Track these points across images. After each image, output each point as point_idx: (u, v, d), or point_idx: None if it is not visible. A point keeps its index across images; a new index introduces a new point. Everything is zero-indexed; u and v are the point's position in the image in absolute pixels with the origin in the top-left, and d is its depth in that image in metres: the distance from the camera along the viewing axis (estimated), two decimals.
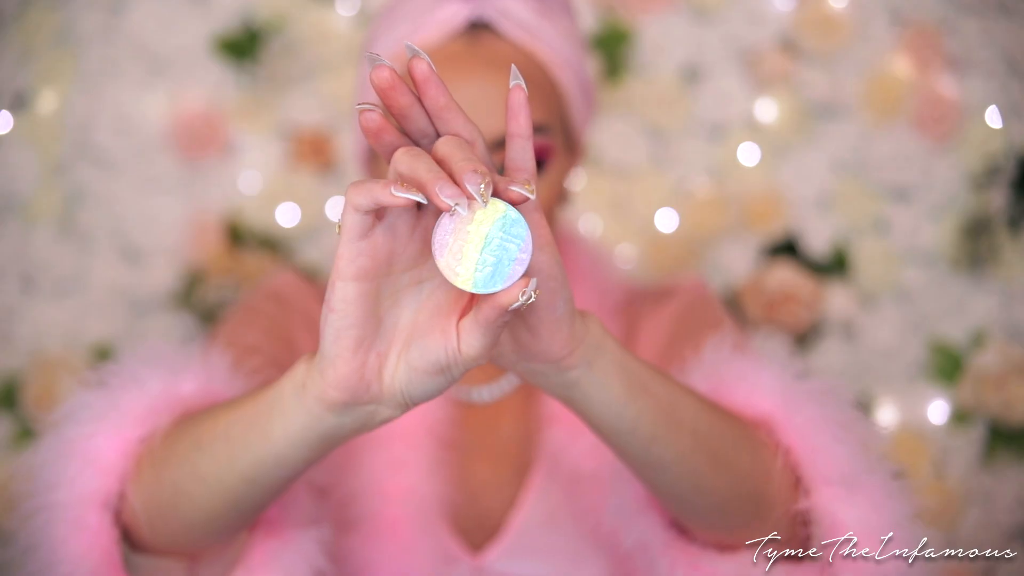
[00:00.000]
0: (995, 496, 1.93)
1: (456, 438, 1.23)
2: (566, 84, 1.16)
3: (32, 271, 1.95)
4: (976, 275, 1.96)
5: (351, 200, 0.76)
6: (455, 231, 0.73)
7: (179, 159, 1.96)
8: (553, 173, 1.15)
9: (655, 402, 0.93)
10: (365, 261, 0.78)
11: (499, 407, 1.27)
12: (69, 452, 0.99)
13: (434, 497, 1.19)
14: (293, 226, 1.97)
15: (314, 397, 0.83)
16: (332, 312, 0.79)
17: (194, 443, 0.93)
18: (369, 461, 1.20)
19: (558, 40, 1.15)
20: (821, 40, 1.95)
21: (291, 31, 1.97)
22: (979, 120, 1.96)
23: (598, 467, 1.18)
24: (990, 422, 1.95)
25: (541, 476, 1.22)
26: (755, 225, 1.98)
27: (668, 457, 0.94)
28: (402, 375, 0.82)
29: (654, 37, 1.98)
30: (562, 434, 1.20)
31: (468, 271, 0.73)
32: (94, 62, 1.95)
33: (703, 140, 2.00)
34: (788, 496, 1.01)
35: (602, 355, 0.89)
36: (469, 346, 0.80)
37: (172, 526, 0.96)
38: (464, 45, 1.11)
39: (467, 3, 1.12)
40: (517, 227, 0.73)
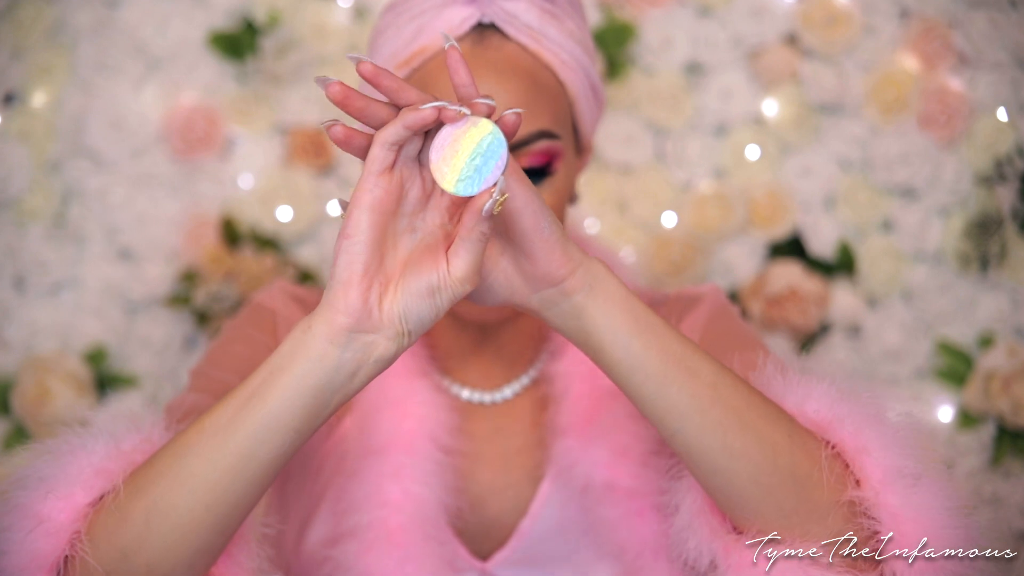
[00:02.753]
0: (1004, 498, 1.94)
1: (459, 443, 1.24)
2: (574, 86, 1.18)
3: (25, 271, 1.97)
4: (984, 275, 1.97)
5: (382, 136, 0.91)
6: (450, 141, 0.91)
7: (174, 157, 1.98)
8: (562, 176, 1.16)
9: (663, 343, 1.00)
10: (380, 193, 0.93)
11: (506, 411, 1.28)
12: (18, 517, 1.02)
13: (436, 504, 1.20)
14: (290, 225, 1.99)
15: (322, 330, 0.93)
16: (347, 238, 0.93)
17: (174, 453, 0.99)
18: (369, 469, 1.21)
19: (566, 42, 1.16)
20: (826, 36, 1.96)
21: (288, 26, 1.99)
22: (988, 117, 1.97)
23: (611, 477, 1.20)
24: (998, 423, 1.97)
25: (552, 484, 1.23)
26: (760, 224, 2.00)
27: (684, 404, 1.00)
28: (400, 300, 0.95)
29: (657, 33, 2.00)
30: (575, 444, 1.21)
31: (453, 175, 0.91)
32: (88, 58, 1.97)
33: (707, 138, 2.02)
34: (838, 484, 1.03)
35: (605, 285, 1.00)
36: (456, 266, 0.94)
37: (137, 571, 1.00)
38: (469, 47, 1.13)
39: (473, 5, 1.14)
40: (497, 146, 0.91)
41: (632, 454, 1.21)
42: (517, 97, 1.11)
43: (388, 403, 1.23)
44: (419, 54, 1.14)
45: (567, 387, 1.24)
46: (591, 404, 1.23)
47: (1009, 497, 1.94)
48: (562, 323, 1.01)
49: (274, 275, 1.94)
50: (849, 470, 1.04)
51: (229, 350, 1.21)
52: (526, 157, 1.13)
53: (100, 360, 1.97)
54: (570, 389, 1.24)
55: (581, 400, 1.23)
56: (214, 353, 1.25)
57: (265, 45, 1.97)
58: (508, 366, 1.28)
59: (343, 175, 2.01)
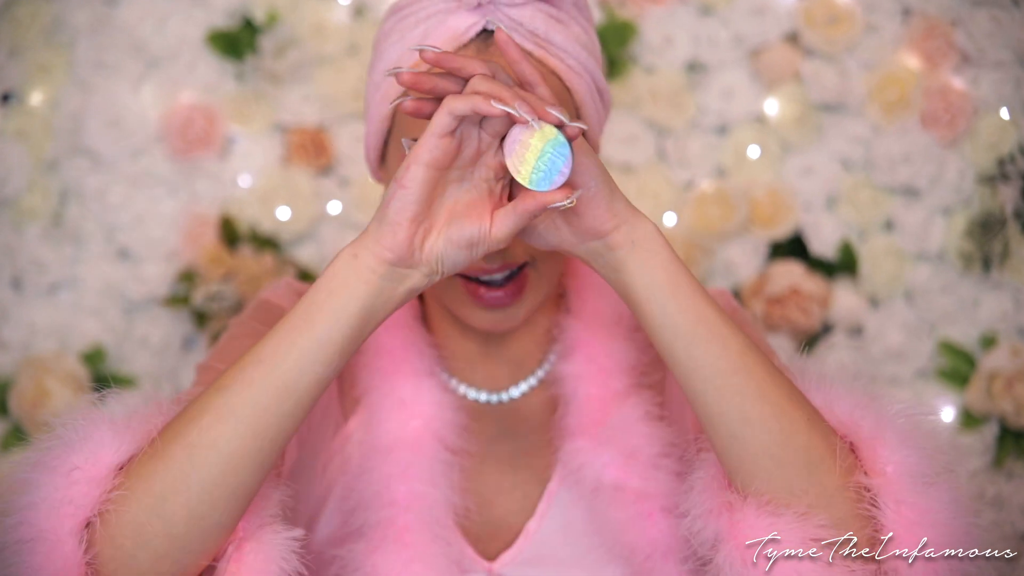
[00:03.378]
0: (1007, 499, 1.95)
1: (466, 443, 1.25)
2: (580, 91, 1.18)
3: (22, 270, 1.98)
4: (987, 275, 1.98)
5: (450, 105, 1.00)
6: (522, 140, 1.02)
7: (173, 156, 1.99)
8: None
9: (698, 308, 1.07)
10: (439, 153, 1.02)
11: (514, 412, 1.29)
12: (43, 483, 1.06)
13: (443, 503, 1.21)
14: (289, 225, 2.00)
15: (368, 262, 1.04)
16: (402, 188, 1.03)
17: (218, 388, 1.06)
18: (376, 468, 1.22)
19: (571, 47, 1.17)
20: (828, 35, 1.97)
21: (288, 25, 1.99)
22: (990, 116, 1.98)
23: (620, 479, 1.21)
24: (1001, 424, 1.98)
25: (560, 485, 1.24)
26: (762, 223, 2.00)
27: (709, 366, 1.06)
28: (440, 245, 1.05)
29: (658, 32, 2.00)
30: (584, 445, 1.22)
31: (527, 172, 1.02)
32: (86, 56, 1.98)
33: (708, 137, 2.02)
34: (849, 472, 1.06)
35: (649, 244, 1.07)
36: (499, 228, 1.04)
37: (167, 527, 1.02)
38: (474, 54, 1.14)
39: (478, 12, 1.14)
40: (564, 148, 1.02)
41: (642, 456, 1.22)
42: None
43: (395, 403, 1.24)
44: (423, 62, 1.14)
45: (576, 389, 1.25)
46: (601, 406, 1.24)
47: (1012, 498, 1.94)
48: (605, 274, 1.09)
49: (273, 275, 1.94)
50: (861, 463, 1.07)
51: (236, 346, 1.23)
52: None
53: (98, 360, 1.97)
54: (579, 391, 1.25)
55: (591, 401, 1.24)
56: (221, 348, 1.27)
57: (264, 44, 1.97)
58: (516, 367, 1.29)
59: (343, 174, 2.02)
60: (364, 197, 2.00)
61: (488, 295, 1.19)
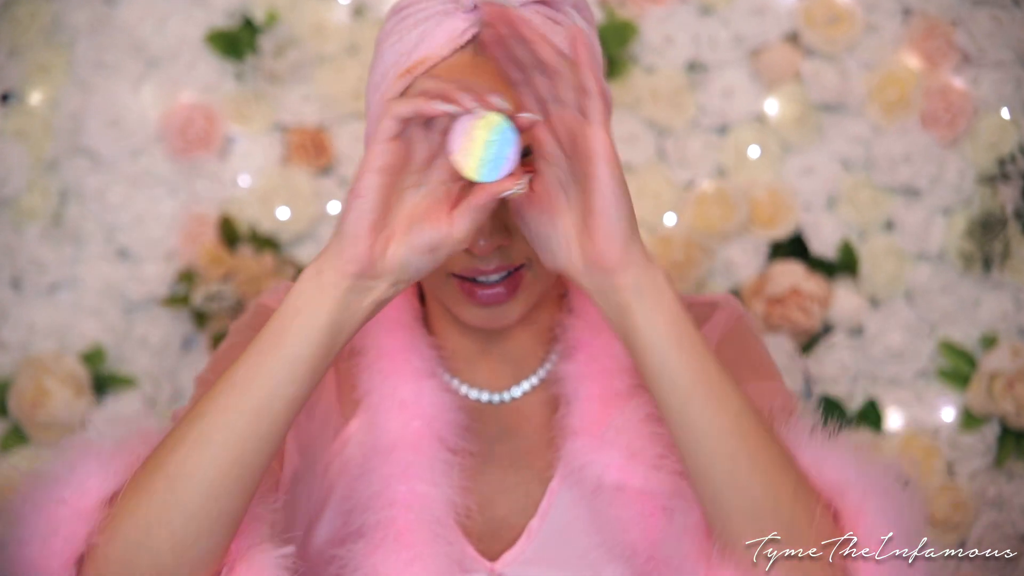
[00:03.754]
0: (1008, 499, 1.96)
1: (467, 443, 1.25)
2: None
3: (22, 270, 1.98)
4: (987, 275, 1.98)
5: (395, 109, 1.01)
6: (466, 132, 1.01)
7: (173, 156, 1.99)
8: None
9: (699, 365, 1.07)
10: (390, 158, 1.03)
11: (515, 411, 1.29)
12: (32, 519, 1.07)
13: (444, 503, 1.21)
14: (289, 224, 2.00)
15: (331, 277, 1.04)
16: (358, 198, 1.03)
17: (194, 416, 1.06)
18: (377, 469, 1.22)
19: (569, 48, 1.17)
20: (828, 34, 1.98)
21: (287, 25, 2.00)
22: (991, 116, 1.98)
23: (622, 479, 1.21)
24: (1002, 424, 1.99)
25: (562, 484, 1.24)
26: (762, 223, 2.01)
27: (704, 425, 1.06)
28: (402, 252, 1.05)
29: (658, 32, 2.01)
30: (586, 444, 1.22)
31: (473, 164, 1.02)
32: (86, 56, 1.99)
33: (708, 137, 2.03)
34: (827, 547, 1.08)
35: (657, 293, 1.07)
36: (458, 228, 1.04)
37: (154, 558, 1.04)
38: (471, 56, 1.14)
39: (475, 14, 1.14)
40: (509, 134, 1.01)
41: (644, 456, 1.21)
42: (519, 105, 1.11)
43: (395, 404, 1.24)
44: (421, 63, 1.15)
45: (578, 388, 1.25)
46: (603, 406, 1.24)
47: (1013, 498, 1.95)
48: (608, 313, 1.09)
49: (273, 275, 1.95)
50: (842, 531, 1.09)
51: (232, 355, 1.23)
52: (526, 165, 1.12)
53: (98, 360, 1.98)
54: (581, 390, 1.25)
55: (592, 401, 1.24)
56: (218, 359, 1.28)
57: (264, 44, 1.98)
58: (517, 366, 1.29)
59: (342, 174, 2.02)
60: None
61: (482, 292, 1.18)
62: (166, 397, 1.99)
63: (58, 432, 1.94)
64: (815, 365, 1.99)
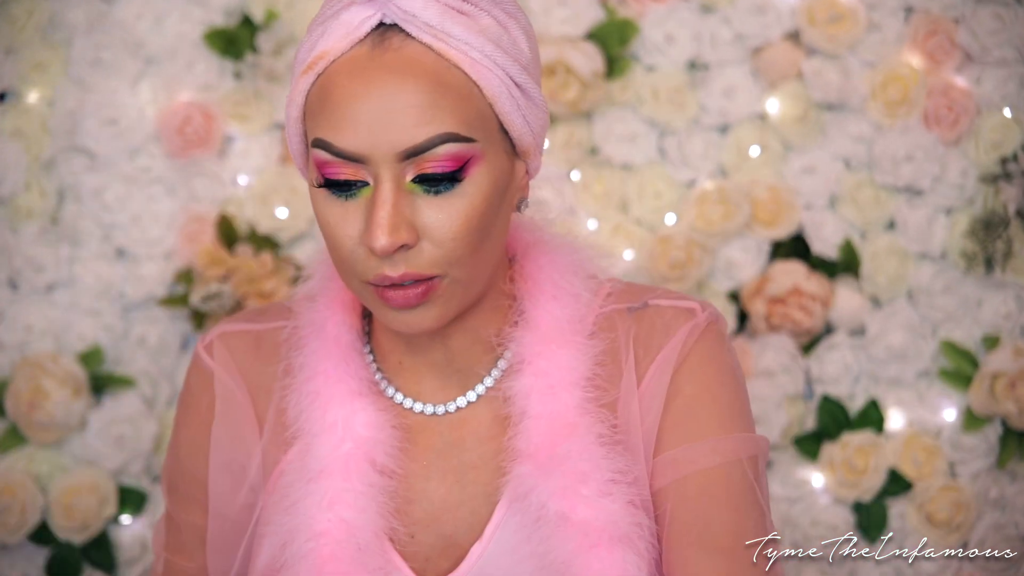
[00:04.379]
0: (1010, 499, 1.95)
1: (405, 461, 1.22)
2: (491, 85, 1.13)
3: (19, 270, 1.99)
4: (990, 275, 1.98)
5: None
6: None
7: (171, 155, 1.99)
8: (482, 182, 1.13)
9: None
10: None
11: (460, 424, 1.24)
12: None
13: (370, 529, 1.19)
14: (288, 224, 2.00)
15: None
16: None
17: None
18: (304, 499, 1.20)
19: (475, 39, 1.12)
20: (830, 33, 1.98)
21: (286, 23, 2.00)
22: (993, 115, 1.98)
23: (566, 508, 1.17)
24: (1004, 425, 1.99)
25: (507, 511, 1.21)
26: (763, 223, 2.01)
27: None
28: None
29: (659, 30, 2.01)
30: (532, 471, 1.18)
31: None
32: (83, 55, 1.99)
33: (710, 136, 2.03)
34: None
35: None
36: None
37: None
38: (368, 49, 1.11)
39: (372, 5, 1.11)
40: None
41: (592, 483, 1.17)
42: (416, 98, 1.09)
43: (327, 427, 1.23)
44: (320, 58, 1.12)
45: (526, 407, 1.21)
46: (550, 426, 1.20)
47: (1015, 499, 1.95)
48: None
49: (272, 274, 1.95)
50: None
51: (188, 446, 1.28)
52: (429, 163, 1.10)
53: (95, 361, 1.98)
54: (529, 408, 1.21)
55: (539, 421, 1.20)
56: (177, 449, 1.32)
57: (263, 42, 1.98)
58: (462, 377, 1.25)
59: None
60: None
61: (392, 294, 1.13)
62: (164, 397, 2.00)
63: (56, 433, 1.95)
64: (816, 365, 2.00)
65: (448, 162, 1.10)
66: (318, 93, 1.12)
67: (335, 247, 1.14)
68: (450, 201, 1.11)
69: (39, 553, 1.97)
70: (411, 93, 1.09)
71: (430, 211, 1.10)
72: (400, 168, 1.09)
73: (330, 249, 1.15)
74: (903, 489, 1.95)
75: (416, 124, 1.08)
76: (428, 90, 1.10)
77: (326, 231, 1.14)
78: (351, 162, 1.10)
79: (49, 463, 1.96)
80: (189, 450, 1.29)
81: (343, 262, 1.14)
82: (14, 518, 1.92)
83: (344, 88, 1.10)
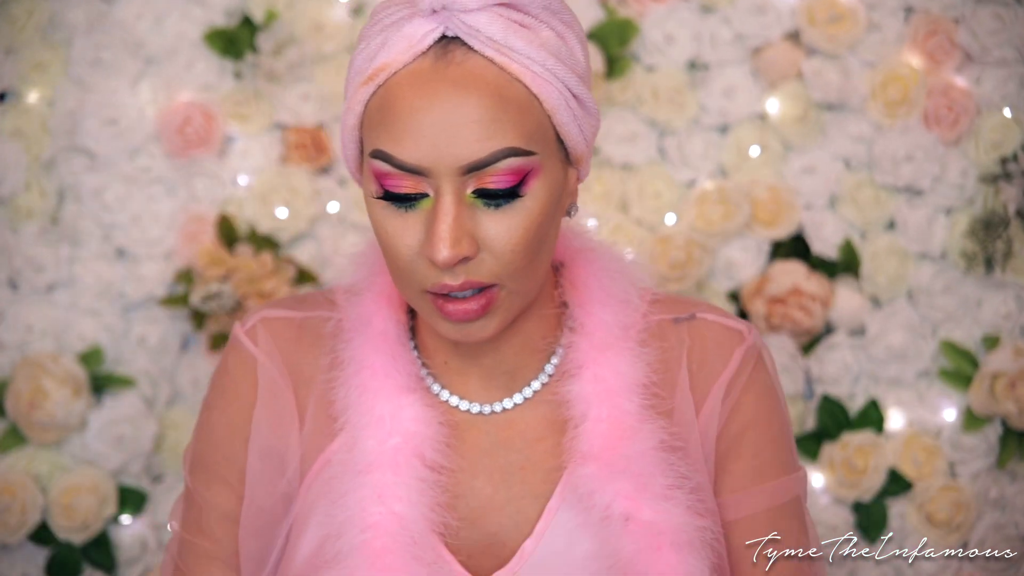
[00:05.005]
0: (1010, 499, 1.96)
1: (449, 459, 1.23)
2: (550, 98, 1.14)
3: (19, 270, 1.99)
4: (990, 275, 1.99)
5: None
6: None
7: (171, 155, 2.00)
8: (540, 194, 1.14)
9: None
10: None
11: (507, 425, 1.26)
12: None
13: (422, 523, 1.19)
14: (288, 224, 2.01)
15: None
16: None
17: None
18: (354, 491, 1.21)
19: (536, 53, 1.13)
20: (830, 33, 1.98)
21: (286, 23, 2.00)
22: (993, 115, 1.99)
23: (631, 510, 1.19)
24: (1004, 425, 1.99)
25: (567, 511, 1.23)
26: (763, 223, 2.01)
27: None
28: None
29: (659, 30, 2.01)
30: (597, 472, 1.20)
31: None
32: (83, 55, 1.99)
33: (710, 136, 2.03)
34: None
35: None
36: None
37: None
38: (431, 62, 1.12)
39: (435, 19, 1.12)
40: None
41: (654, 487, 1.20)
42: (479, 113, 1.10)
43: (374, 421, 1.23)
44: (381, 69, 1.13)
45: (586, 410, 1.23)
46: (611, 429, 1.22)
47: (1015, 499, 1.95)
48: None
49: (272, 275, 1.95)
50: None
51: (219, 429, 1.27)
52: (491, 177, 1.11)
53: (96, 361, 1.99)
54: (590, 412, 1.23)
55: (600, 424, 1.22)
56: (206, 431, 1.30)
57: (263, 42, 1.99)
58: (510, 379, 1.27)
59: (342, 174, 2.03)
60: (363, 197, 2.00)
61: (453, 307, 1.14)
62: (164, 397, 2.00)
63: (56, 433, 1.95)
64: (816, 365, 2.00)
65: (509, 176, 1.12)
66: (378, 104, 1.13)
67: (393, 257, 1.15)
68: (510, 214, 1.13)
69: (39, 553, 1.98)
70: (474, 107, 1.10)
71: (490, 224, 1.12)
72: (461, 181, 1.11)
73: (388, 259, 1.16)
74: (903, 489, 1.95)
75: (479, 139, 1.10)
76: (490, 104, 1.11)
77: (384, 241, 1.15)
78: (412, 174, 1.11)
79: (49, 463, 1.96)
80: (226, 432, 1.28)
81: (401, 272, 1.15)
82: (14, 518, 1.93)
83: (407, 101, 1.11)
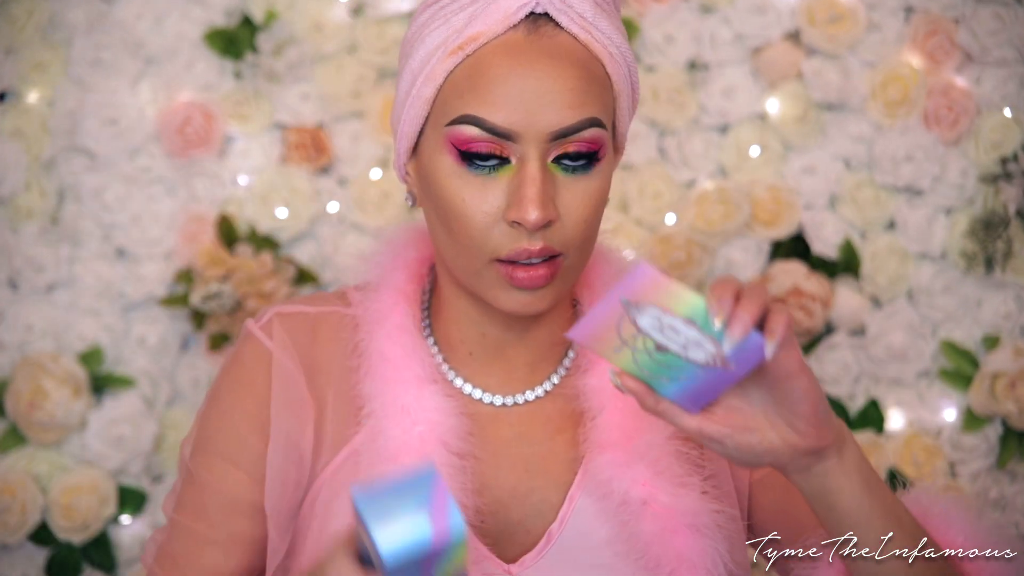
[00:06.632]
0: (1010, 499, 1.97)
1: (473, 448, 1.26)
2: (619, 81, 1.19)
3: (19, 270, 1.99)
4: (990, 275, 1.99)
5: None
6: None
7: (171, 155, 2.00)
8: (606, 166, 1.18)
9: (884, 503, 1.11)
10: None
11: (528, 416, 1.28)
12: None
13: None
14: (288, 224, 2.01)
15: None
16: None
17: None
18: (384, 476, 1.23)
19: (615, 35, 1.18)
20: (830, 33, 1.99)
21: (286, 23, 2.01)
22: (993, 115, 1.99)
23: (649, 495, 1.21)
24: (1004, 424, 2.00)
25: (587, 497, 1.24)
26: (763, 223, 2.02)
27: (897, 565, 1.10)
28: None
29: (659, 30, 2.02)
30: (614, 458, 1.23)
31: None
32: (83, 55, 2.00)
33: (710, 136, 2.04)
34: None
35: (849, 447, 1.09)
36: None
37: None
38: (524, 35, 1.15)
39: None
40: None
41: (670, 474, 1.22)
42: (570, 83, 1.14)
43: (397, 411, 1.25)
44: (473, 40, 1.16)
45: (603, 403, 1.25)
46: (627, 420, 1.24)
47: (1015, 499, 1.96)
48: (804, 482, 1.10)
49: (272, 274, 1.96)
50: None
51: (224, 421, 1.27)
52: (574, 143, 1.15)
53: (96, 361, 1.99)
54: (607, 405, 1.25)
55: (616, 415, 1.24)
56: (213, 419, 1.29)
57: (263, 42, 1.99)
58: (530, 371, 1.29)
59: (341, 173, 2.03)
60: (363, 196, 2.01)
61: (524, 274, 1.17)
62: (164, 397, 2.01)
63: (56, 433, 1.95)
64: (816, 365, 2.01)
65: (592, 144, 1.15)
66: (466, 72, 1.15)
67: (467, 224, 1.16)
68: (584, 182, 1.16)
69: (39, 553, 1.98)
70: (566, 78, 1.14)
71: (567, 192, 1.15)
72: (545, 148, 1.14)
73: (457, 229, 1.17)
74: (903, 489, 1.95)
75: (570, 106, 1.13)
76: (580, 75, 1.15)
77: (458, 208, 1.16)
78: (499, 139, 1.13)
79: (49, 463, 1.97)
80: (239, 418, 1.27)
81: (472, 240, 1.16)
82: (14, 518, 1.93)
83: (501, 66, 1.14)
